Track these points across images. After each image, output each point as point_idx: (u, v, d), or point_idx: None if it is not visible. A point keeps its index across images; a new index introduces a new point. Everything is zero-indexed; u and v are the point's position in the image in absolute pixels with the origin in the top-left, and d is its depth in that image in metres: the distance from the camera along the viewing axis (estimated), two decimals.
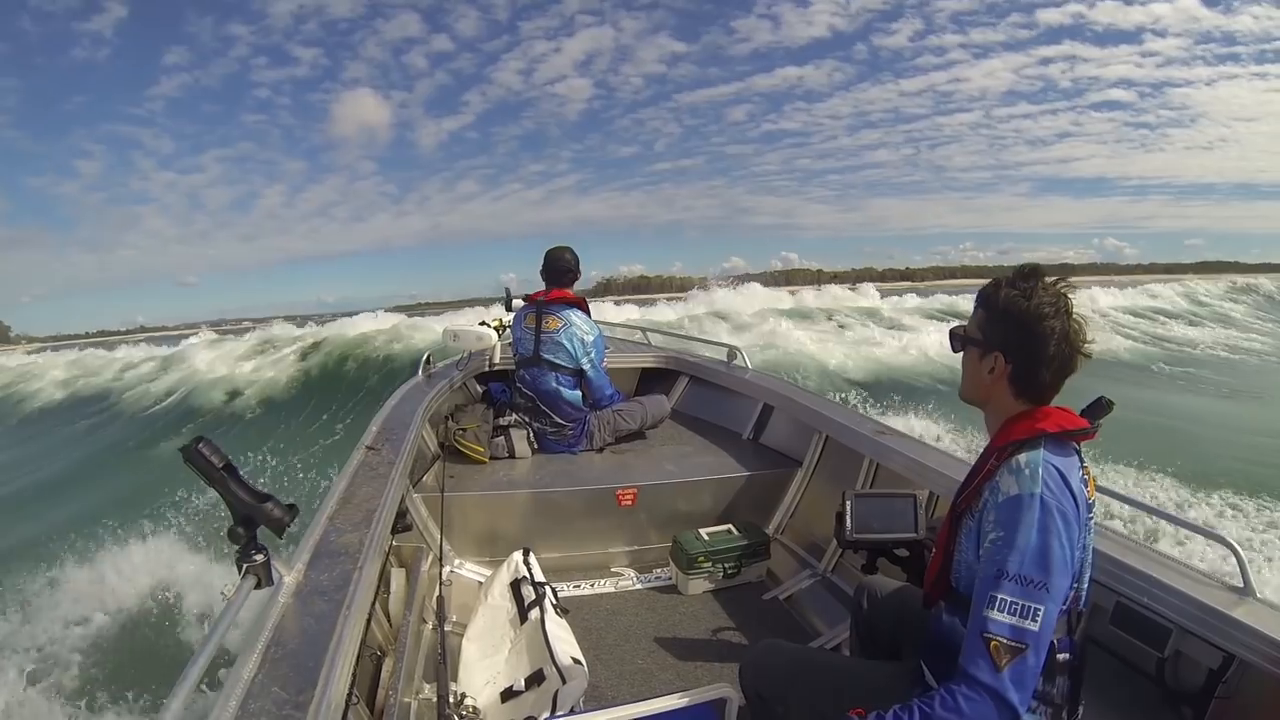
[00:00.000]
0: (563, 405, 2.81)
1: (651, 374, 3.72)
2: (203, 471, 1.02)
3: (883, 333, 14.25)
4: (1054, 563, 0.94)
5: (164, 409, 11.31)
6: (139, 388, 12.74)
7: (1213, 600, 1.22)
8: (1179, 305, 21.99)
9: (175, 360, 14.03)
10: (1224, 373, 12.23)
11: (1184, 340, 15.92)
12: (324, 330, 14.52)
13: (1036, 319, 1.03)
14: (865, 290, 24.00)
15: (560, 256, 2.93)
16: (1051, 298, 1.03)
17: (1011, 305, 1.05)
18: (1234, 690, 1.19)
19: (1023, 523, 0.96)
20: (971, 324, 1.13)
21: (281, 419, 9.77)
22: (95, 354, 17.35)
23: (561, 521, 2.43)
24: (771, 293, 21.53)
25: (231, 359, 13.33)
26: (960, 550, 1.10)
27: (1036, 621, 0.92)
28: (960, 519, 1.11)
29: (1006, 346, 1.06)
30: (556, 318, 2.83)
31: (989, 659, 0.92)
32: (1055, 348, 1.02)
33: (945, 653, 1.13)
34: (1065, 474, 0.99)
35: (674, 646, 2.02)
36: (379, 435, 2.08)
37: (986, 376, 1.09)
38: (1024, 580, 0.93)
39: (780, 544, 2.54)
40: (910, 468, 2.00)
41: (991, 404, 1.12)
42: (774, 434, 2.96)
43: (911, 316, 17.38)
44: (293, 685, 0.89)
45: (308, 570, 1.19)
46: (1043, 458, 1.00)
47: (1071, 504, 0.98)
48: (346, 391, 10.44)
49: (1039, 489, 0.97)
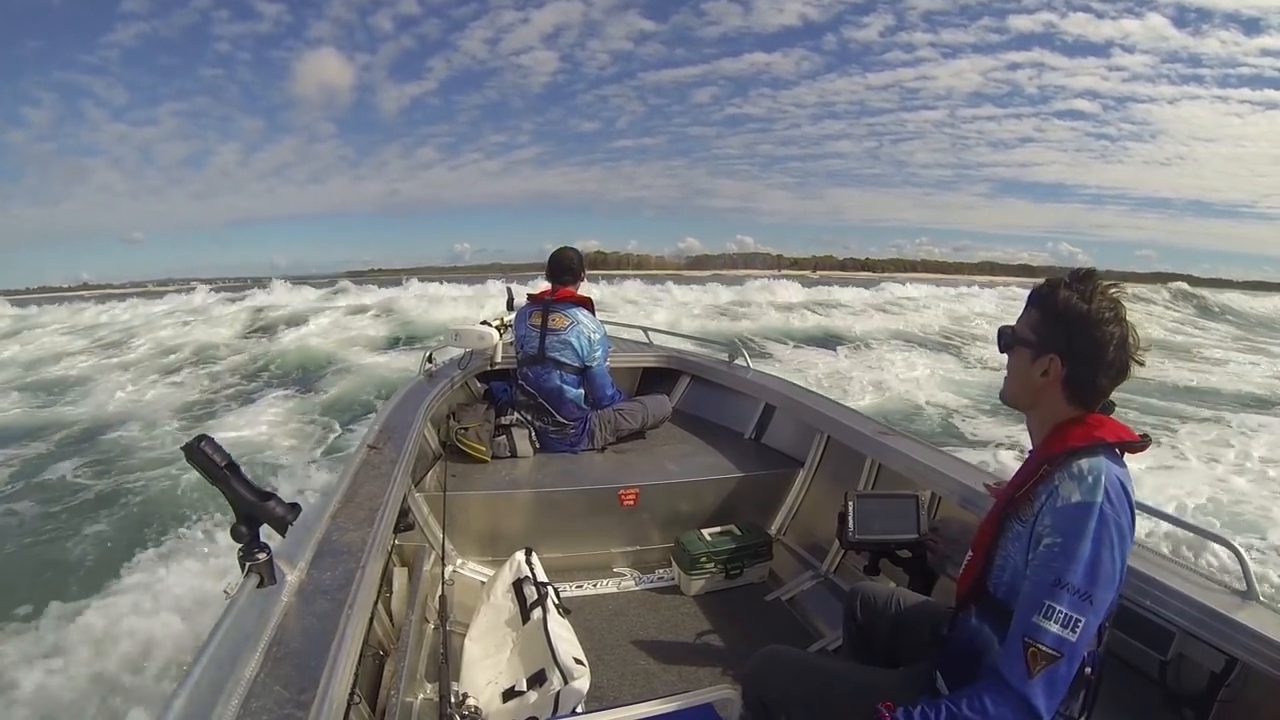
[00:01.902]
0: (566, 404, 2.81)
1: (653, 373, 3.72)
2: (205, 470, 1.01)
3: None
4: (1102, 576, 0.93)
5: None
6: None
7: (1215, 603, 1.21)
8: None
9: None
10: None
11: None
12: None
13: (1097, 323, 1.00)
14: (887, 287, 24.19)
15: (565, 256, 2.93)
16: (1109, 302, 1.01)
17: (1071, 308, 1.02)
18: (1237, 694, 1.19)
19: (1081, 532, 0.94)
20: (1023, 323, 1.09)
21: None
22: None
23: (563, 521, 2.43)
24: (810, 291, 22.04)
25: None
26: (1006, 555, 1.07)
27: (1077, 633, 0.91)
28: (1007, 523, 1.08)
29: (1064, 350, 1.03)
30: (564, 316, 2.83)
31: (1024, 664, 0.91)
32: (1114, 353, 1.00)
33: (966, 660, 1.11)
34: (1126, 486, 0.98)
35: (676, 647, 2.02)
36: (381, 434, 2.08)
37: (1039, 379, 1.06)
38: (1077, 591, 0.92)
39: (782, 545, 2.54)
40: (912, 468, 2.00)
41: (1040, 408, 1.09)
42: (776, 434, 2.96)
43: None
44: (295, 684, 0.89)
45: (310, 569, 1.19)
46: (1105, 466, 0.97)
47: (1129, 518, 0.96)
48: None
49: (1099, 499, 0.95)
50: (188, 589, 3.67)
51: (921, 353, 12.92)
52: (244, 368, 11.68)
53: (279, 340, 13.97)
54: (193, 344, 13.83)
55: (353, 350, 12.93)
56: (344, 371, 10.70)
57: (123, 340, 15.26)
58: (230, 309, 15.33)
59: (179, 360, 12.43)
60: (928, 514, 1.60)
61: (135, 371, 11.48)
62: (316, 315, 17.09)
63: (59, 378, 11.30)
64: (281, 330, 15.25)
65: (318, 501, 1.56)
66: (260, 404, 8.50)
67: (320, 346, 13.19)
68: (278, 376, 10.94)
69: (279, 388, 9.67)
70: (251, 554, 1.05)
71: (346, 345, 13.48)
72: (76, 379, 11.09)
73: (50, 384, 10.76)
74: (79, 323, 18.96)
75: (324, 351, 12.69)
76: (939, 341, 15.03)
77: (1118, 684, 1.31)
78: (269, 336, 14.65)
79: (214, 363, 12.20)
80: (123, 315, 17.54)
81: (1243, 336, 19.14)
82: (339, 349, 13.03)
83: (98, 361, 12.91)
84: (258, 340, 14.42)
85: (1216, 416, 7.63)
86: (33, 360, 13.33)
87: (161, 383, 10.42)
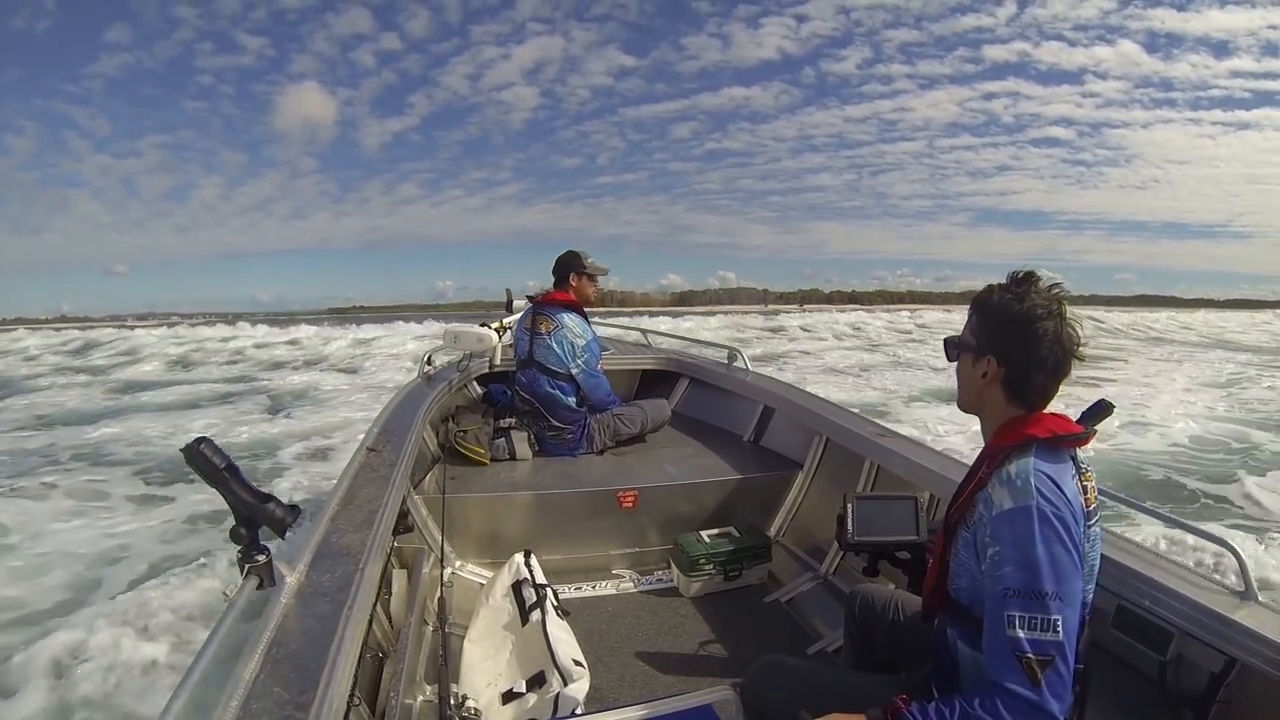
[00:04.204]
0: (559, 409, 2.79)
1: (652, 375, 3.72)
2: (204, 472, 1.02)
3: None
4: (1063, 570, 0.93)
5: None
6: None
7: (1214, 604, 1.22)
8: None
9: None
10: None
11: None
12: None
13: (1029, 320, 1.02)
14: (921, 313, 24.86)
15: (561, 258, 2.92)
16: (1045, 300, 1.03)
17: (1004, 308, 1.05)
18: (1235, 694, 1.19)
19: (1023, 536, 0.95)
20: (965, 330, 1.12)
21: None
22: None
23: (562, 523, 2.43)
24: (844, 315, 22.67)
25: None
26: (957, 560, 1.09)
27: (1058, 632, 0.92)
28: (955, 529, 1.10)
29: (999, 349, 1.05)
30: (550, 320, 2.80)
31: (1023, 674, 0.91)
32: (1048, 350, 1.02)
33: (949, 667, 1.12)
34: (1057, 480, 0.98)
35: (675, 649, 2.02)
36: (380, 437, 2.08)
37: (980, 381, 1.08)
38: (1036, 594, 0.92)
39: (781, 546, 2.54)
40: (911, 470, 2.00)
41: (986, 410, 1.11)
42: (774, 436, 2.96)
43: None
44: (294, 686, 0.89)
45: (309, 571, 1.19)
46: (1033, 466, 0.98)
47: (1069, 508, 0.97)
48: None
49: (1033, 500, 0.95)
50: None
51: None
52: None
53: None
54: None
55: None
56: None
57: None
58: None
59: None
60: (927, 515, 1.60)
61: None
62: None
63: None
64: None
65: (317, 503, 1.56)
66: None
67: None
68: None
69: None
70: (251, 556, 1.05)
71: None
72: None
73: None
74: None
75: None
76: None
77: (1117, 684, 1.32)
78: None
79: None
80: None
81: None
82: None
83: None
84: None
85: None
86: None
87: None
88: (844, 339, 24.57)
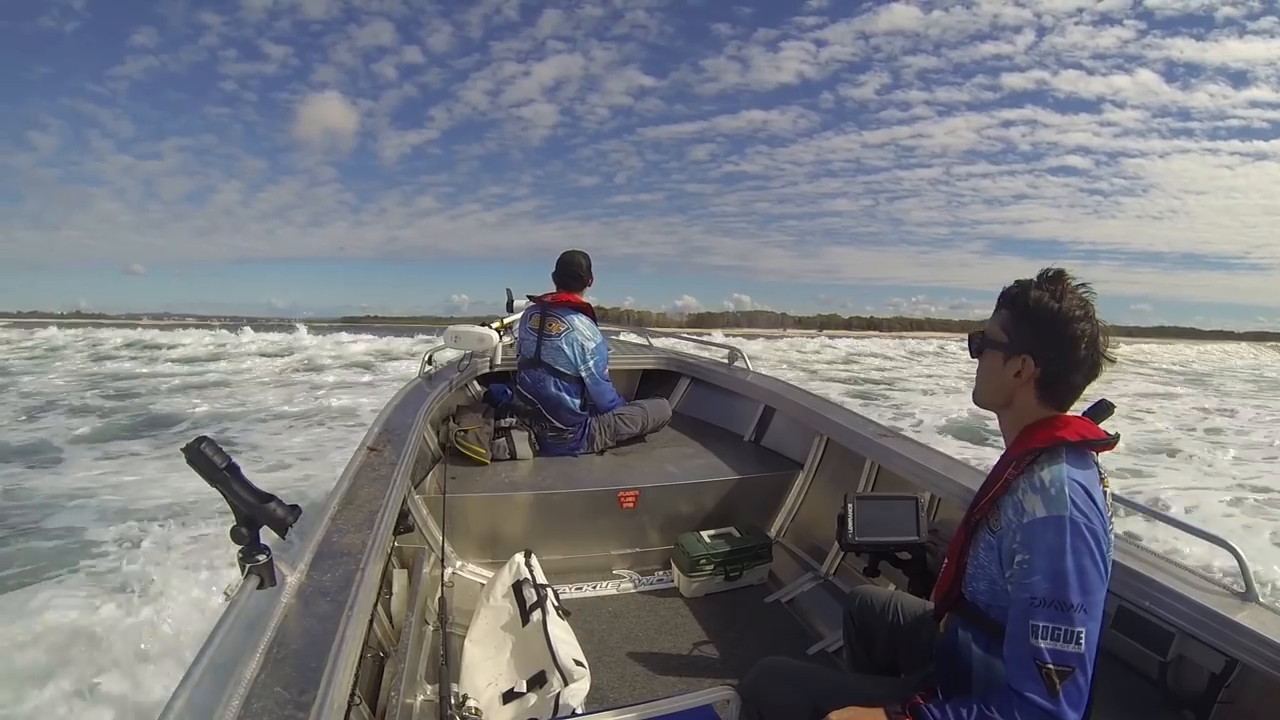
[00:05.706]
0: (562, 410, 2.80)
1: (652, 375, 3.72)
2: (204, 471, 1.01)
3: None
4: (1090, 583, 0.93)
5: None
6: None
7: (1215, 604, 1.22)
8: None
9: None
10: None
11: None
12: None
13: (1068, 321, 1.01)
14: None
15: (572, 260, 2.89)
16: (1079, 301, 1.02)
17: (1042, 307, 1.02)
18: (1236, 695, 1.19)
19: (1055, 547, 0.93)
20: (993, 326, 1.10)
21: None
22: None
23: (563, 523, 2.43)
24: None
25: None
26: (977, 564, 1.07)
27: (1080, 644, 0.91)
28: (976, 530, 1.08)
29: (1036, 349, 1.03)
30: (560, 321, 2.81)
31: (1042, 684, 0.90)
32: (1086, 351, 1.01)
33: (956, 669, 1.11)
34: (1089, 489, 0.97)
35: (676, 649, 2.02)
36: (380, 436, 2.07)
37: (1011, 380, 1.06)
38: (1063, 605, 0.91)
39: (782, 546, 2.54)
40: (912, 470, 2.00)
41: (1013, 408, 1.09)
42: (775, 436, 2.96)
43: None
44: (295, 685, 0.89)
45: (310, 570, 1.19)
46: (1066, 474, 0.97)
47: (1099, 519, 0.96)
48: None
49: (1067, 510, 0.94)
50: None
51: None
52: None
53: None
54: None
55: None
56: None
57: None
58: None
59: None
60: (927, 516, 1.60)
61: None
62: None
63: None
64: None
65: (317, 503, 1.55)
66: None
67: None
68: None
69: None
70: (251, 556, 1.05)
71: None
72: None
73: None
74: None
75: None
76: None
77: (1118, 685, 1.32)
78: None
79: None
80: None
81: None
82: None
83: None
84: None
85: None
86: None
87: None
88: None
